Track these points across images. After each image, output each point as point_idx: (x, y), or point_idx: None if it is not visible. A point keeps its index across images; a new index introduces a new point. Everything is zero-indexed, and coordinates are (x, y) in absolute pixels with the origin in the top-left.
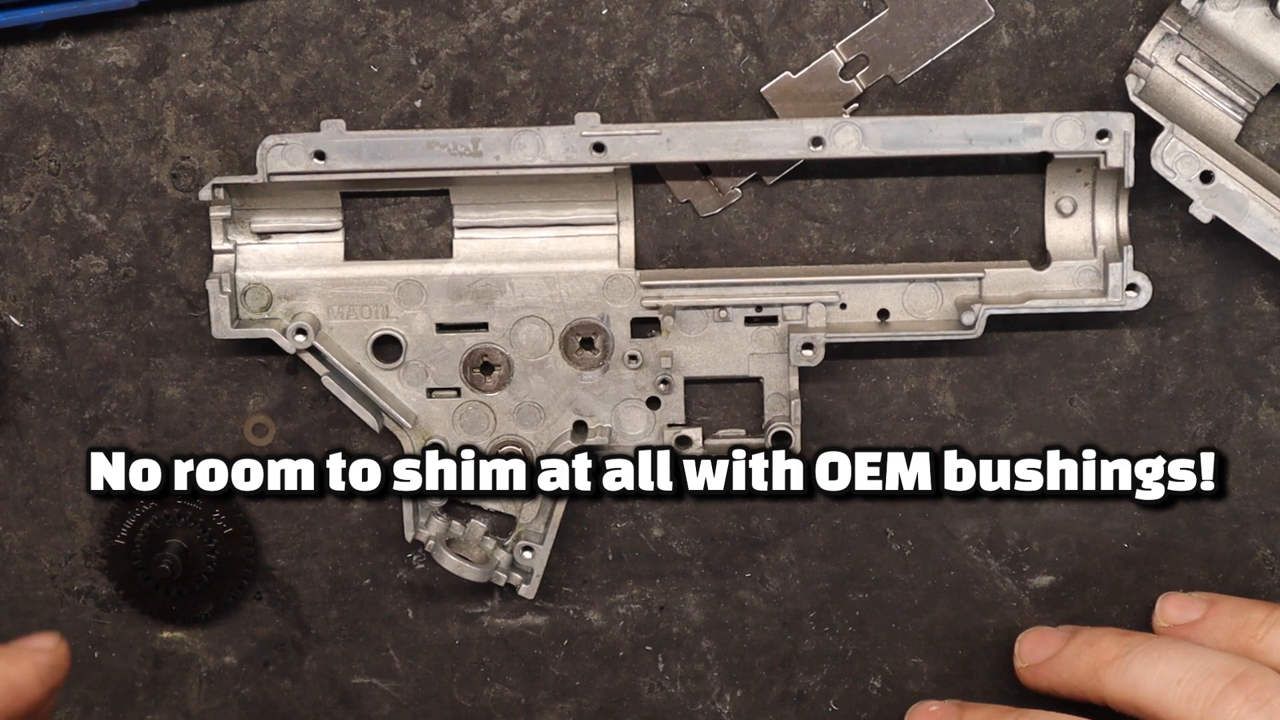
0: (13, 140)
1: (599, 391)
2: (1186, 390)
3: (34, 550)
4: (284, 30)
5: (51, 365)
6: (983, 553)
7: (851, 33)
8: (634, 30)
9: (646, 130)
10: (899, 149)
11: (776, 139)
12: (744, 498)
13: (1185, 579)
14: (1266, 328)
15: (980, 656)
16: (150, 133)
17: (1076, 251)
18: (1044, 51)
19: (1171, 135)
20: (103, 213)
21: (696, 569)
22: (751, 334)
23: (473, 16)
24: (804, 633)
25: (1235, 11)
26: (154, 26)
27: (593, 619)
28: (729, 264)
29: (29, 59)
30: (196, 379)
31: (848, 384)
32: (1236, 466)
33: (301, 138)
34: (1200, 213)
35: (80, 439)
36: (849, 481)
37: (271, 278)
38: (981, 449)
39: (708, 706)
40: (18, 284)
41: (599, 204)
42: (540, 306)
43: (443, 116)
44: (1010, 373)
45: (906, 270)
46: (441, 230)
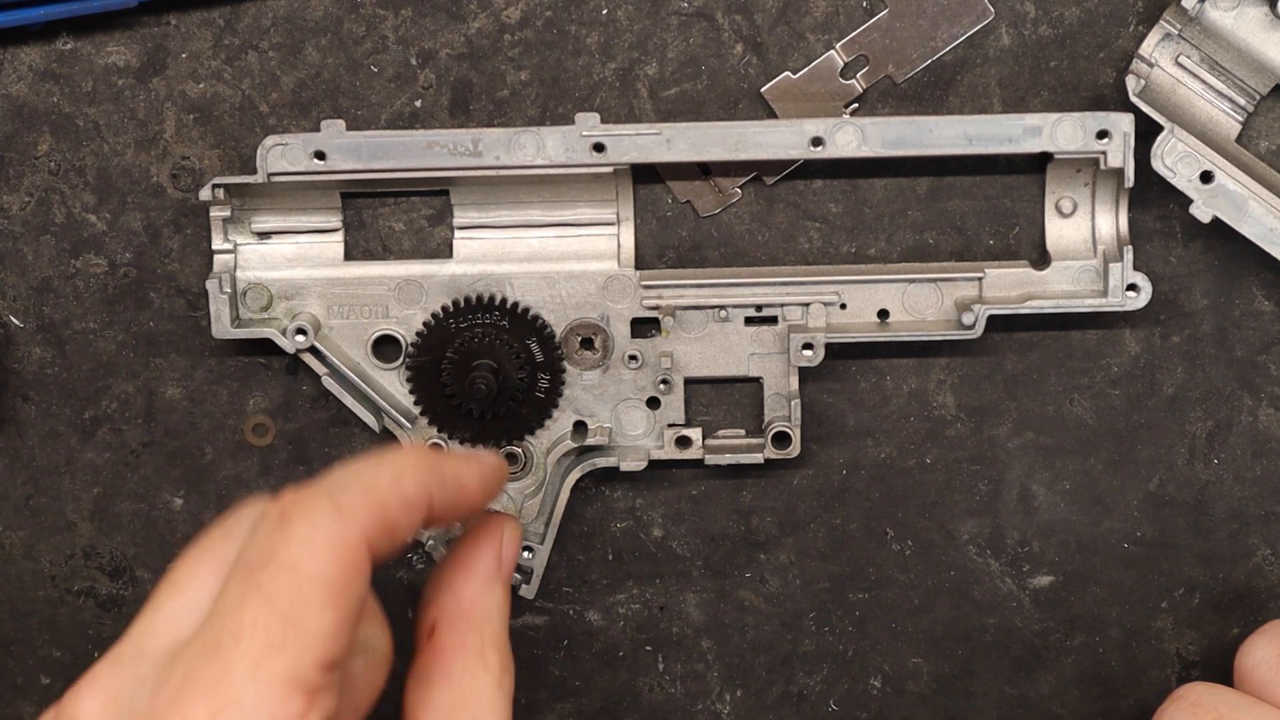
0: (13, 140)
1: (599, 391)
2: (1186, 390)
3: (34, 550)
4: (284, 30)
5: (51, 365)
6: (983, 553)
7: (851, 33)
8: (634, 30)
9: (646, 130)
10: (899, 149)
11: (776, 139)
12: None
13: (1185, 579)
14: (1266, 328)
15: (980, 656)
16: (150, 133)
17: (1076, 251)
18: (1044, 51)
19: (1171, 135)
20: (103, 213)
21: (696, 569)
22: (751, 334)
23: (473, 16)
24: (804, 633)
25: (1235, 11)
26: (154, 26)
27: (593, 619)
28: (729, 264)
29: (29, 59)
30: (196, 379)
31: (848, 384)
32: (1236, 466)
33: (301, 138)
34: (1200, 213)
35: (80, 439)
36: (849, 482)
37: (271, 278)
38: (981, 449)
39: (708, 706)
40: (18, 284)
41: (599, 204)
42: (540, 306)
43: (443, 116)
44: (1010, 373)
45: (906, 270)
46: (441, 230)
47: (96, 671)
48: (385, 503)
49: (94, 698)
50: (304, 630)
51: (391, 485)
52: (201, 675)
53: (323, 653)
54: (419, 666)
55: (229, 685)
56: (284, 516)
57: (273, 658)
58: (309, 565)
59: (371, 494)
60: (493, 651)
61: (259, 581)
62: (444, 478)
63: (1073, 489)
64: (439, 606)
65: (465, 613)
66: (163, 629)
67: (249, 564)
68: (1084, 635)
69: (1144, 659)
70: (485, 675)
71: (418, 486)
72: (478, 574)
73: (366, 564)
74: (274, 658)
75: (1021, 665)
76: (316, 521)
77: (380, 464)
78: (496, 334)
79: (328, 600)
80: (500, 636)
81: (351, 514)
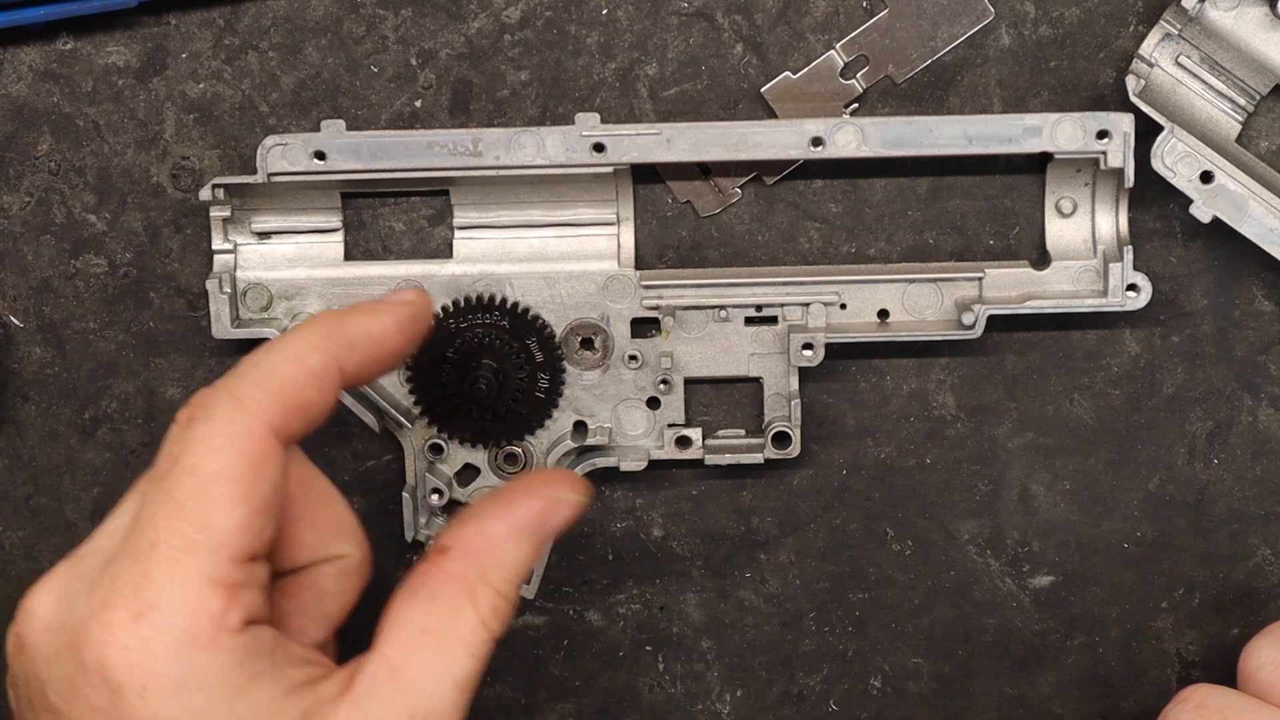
0: (13, 140)
1: (599, 391)
2: (1186, 390)
3: (34, 550)
4: (284, 30)
5: (51, 365)
6: (983, 553)
7: (851, 33)
8: (634, 30)
9: (646, 130)
10: (899, 149)
11: (776, 139)
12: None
13: (1185, 579)
14: (1266, 328)
15: (980, 656)
16: (150, 133)
17: (1076, 251)
18: (1044, 51)
19: (1171, 135)
20: (103, 213)
21: (696, 569)
22: (751, 334)
23: (473, 16)
24: (804, 633)
25: (1235, 11)
26: (154, 26)
27: (593, 619)
28: (729, 264)
29: (29, 59)
30: (196, 379)
31: (848, 384)
32: (1236, 466)
33: (301, 138)
34: (1200, 213)
35: (80, 439)
36: (849, 482)
37: (271, 278)
38: (981, 449)
39: (708, 706)
40: (18, 284)
41: (599, 204)
42: (540, 307)
43: (443, 116)
44: (1010, 373)
45: (906, 270)
46: (441, 230)
47: (54, 571)
48: (288, 386)
49: (47, 594)
50: (213, 529)
51: (293, 366)
52: (124, 581)
53: (237, 548)
54: (413, 579)
55: (148, 589)
56: (189, 419)
57: (186, 559)
58: (210, 463)
59: (272, 379)
60: (487, 594)
61: (166, 486)
62: (351, 339)
63: (1073, 489)
64: (461, 533)
65: (480, 548)
66: (109, 535)
67: (159, 470)
68: (1084, 635)
69: (1144, 659)
70: (469, 611)
71: (322, 359)
72: (513, 520)
73: (276, 452)
74: (187, 558)
75: (1021, 665)
76: (216, 418)
77: (279, 345)
78: (496, 334)
79: (234, 496)
80: (503, 586)
81: (252, 404)
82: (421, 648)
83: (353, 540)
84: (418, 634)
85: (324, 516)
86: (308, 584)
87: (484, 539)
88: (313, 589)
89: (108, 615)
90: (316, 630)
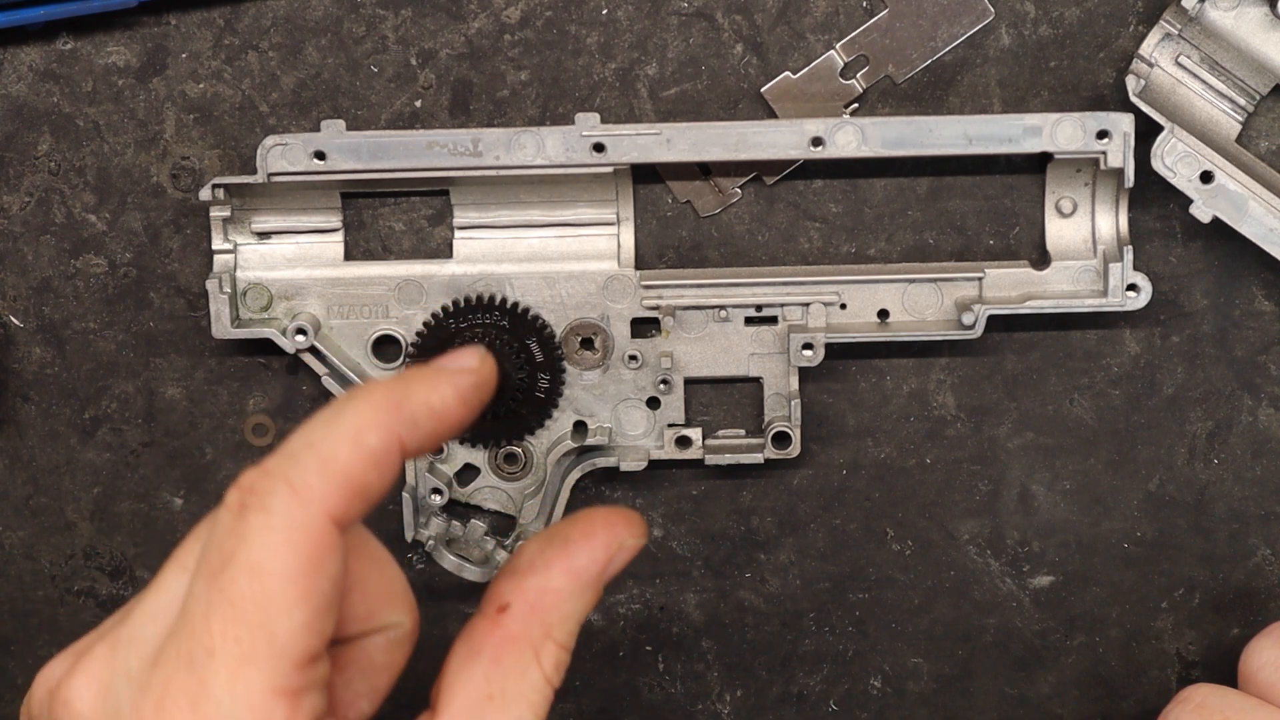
0: (13, 140)
1: (599, 391)
2: (1186, 390)
3: (34, 550)
4: (284, 30)
5: (51, 365)
6: (983, 553)
7: (851, 33)
8: (634, 30)
9: (646, 130)
10: (899, 149)
11: (776, 139)
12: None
13: (1185, 579)
14: (1266, 328)
15: (980, 656)
16: (150, 133)
17: (1076, 251)
18: (1044, 51)
19: (1171, 135)
20: (103, 213)
21: (696, 569)
22: (751, 334)
23: (473, 16)
24: (804, 633)
25: (1235, 11)
26: (154, 26)
27: (593, 619)
28: (729, 264)
29: (29, 59)
30: (196, 379)
31: (848, 384)
32: (1236, 466)
33: (301, 138)
34: (1200, 213)
35: (80, 439)
36: (849, 482)
37: (271, 278)
38: (981, 449)
39: (708, 706)
40: (18, 284)
41: (599, 204)
42: (540, 306)
43: (443, 116)
44: (1010, 373)
45: (906, 270)
46: (441, 230)
47: (92, 655)
48: (348, 470)
49: (89, 686)
50: (275, 636)
51: (352, 448)
52: (180, 690)
53: (300, 653)
54: (474, 638)
55: (206, 704)
56: (241, 508)
57: (248, 670)
58: (270, 563)
59: (331, 464)
60: (551, 650)
61: (221, 586)
62: (413, 415)
63: (1073, 489)
64: (521, 587)
65: (547, 605)
66: (150, 619)
67: (211, 566)
68: (1084, 635)
69: (1144, 659)
70: (535, 673)
71: (383, 439)
72: (573, 571)
73: (337, 544)
74: (249, 670)
75: (1021, 665)
76: (272, 510)
77: (336, 421)
78: (496, 334)
79: (295, 598)
80: (565, 639)
81: (310, 495)
82: (487, 714)
83: (404, 608)
84: (483, 700)
85: (376, 585)
86: (358, 656)
87: (548, 595)
88: (362, 662)
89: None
90: (367, 705)
